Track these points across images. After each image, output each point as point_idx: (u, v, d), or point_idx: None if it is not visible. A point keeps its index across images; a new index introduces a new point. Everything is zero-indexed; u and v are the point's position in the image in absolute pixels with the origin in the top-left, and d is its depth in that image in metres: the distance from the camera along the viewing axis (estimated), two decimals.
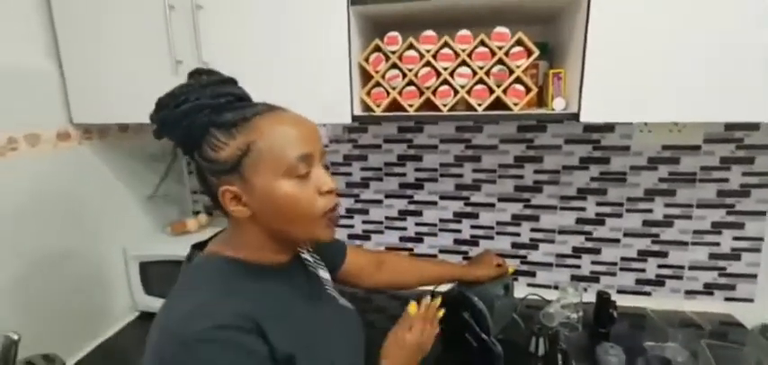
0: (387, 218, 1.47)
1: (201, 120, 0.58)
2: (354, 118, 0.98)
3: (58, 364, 0.87)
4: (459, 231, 1.43)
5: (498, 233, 1.40)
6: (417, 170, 1.40)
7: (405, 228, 1.47)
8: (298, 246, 0.73)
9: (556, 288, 1.32)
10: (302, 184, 0.60)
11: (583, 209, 1.31)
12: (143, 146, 1.33)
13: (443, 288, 1.14)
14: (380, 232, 1.49)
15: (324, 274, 0.82)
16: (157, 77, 1.00)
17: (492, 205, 1.38)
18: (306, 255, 0.79)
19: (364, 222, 1.50)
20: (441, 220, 1.44)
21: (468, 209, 1.40)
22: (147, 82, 1.01)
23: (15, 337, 0.77)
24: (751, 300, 1.25)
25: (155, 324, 0.56)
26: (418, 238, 1.47)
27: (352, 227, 1.51)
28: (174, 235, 1.36)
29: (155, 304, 1.30)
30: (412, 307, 0.82)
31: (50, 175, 1.08)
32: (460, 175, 1.37)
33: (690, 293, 1.29)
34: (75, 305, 1.16)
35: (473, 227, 1.42)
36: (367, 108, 1.02)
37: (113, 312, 1.29)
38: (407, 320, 0.81)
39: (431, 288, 1.14)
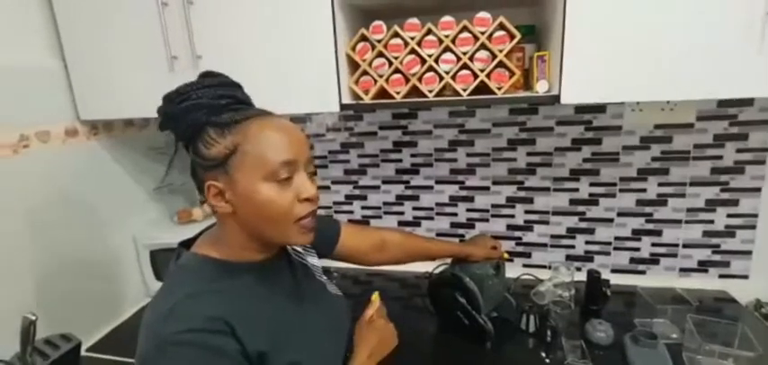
0: (385, 203, 1.51)
1: (200, 117, 0.62)
2: (343, 106, 1.01)
3: (74, 343, 0.94)
4: (455, 214, 1.46)
5: (493, 215, 1.42)
6: (413, 155, 1.43)
7: (402, 213, 1.50)
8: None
9: (550, 268, 1.35)
10: (282, 189, 0.63)
11: (576, 189, 1.32)
12: (148, 139, 1.39)
13: (435, 268, 1.18)
14: (379, 217, 1.53)
15: (312, 261, 0.86)
16: (155, 73, 1.05)
17: (486, 188, 1.40)
18: (293, 246, 0.83)
19: (363, 208, 1.54)
20: (437, 204, 1.47)
21: (464, 193, 1.43)
22: (146, 78, 1.08)
23: (33, 317, 0.84)
24: (745, 277, 1.25)
25: (142, 320, 0.61)
26: (416, 222, 1.50)
27: (351, 212, 1.55)
28: (181, 223, 1.43)
29: None
30: (375, 296, 0.88)
31: (62, 170, 1.15)
32: (455, 160, 1.40)
33: (684, 270, 1.30)
34: (91, 291, 1.24)
35: (469, 210, 1.44)
36: (356, 96, 1.05)
37: (127, 297, 1.37)
38: (373, 305, 0.86)
39: (431, 269, 1.18)
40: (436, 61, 0.97)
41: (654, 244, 1.31)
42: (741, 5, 0.78)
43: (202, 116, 0.62)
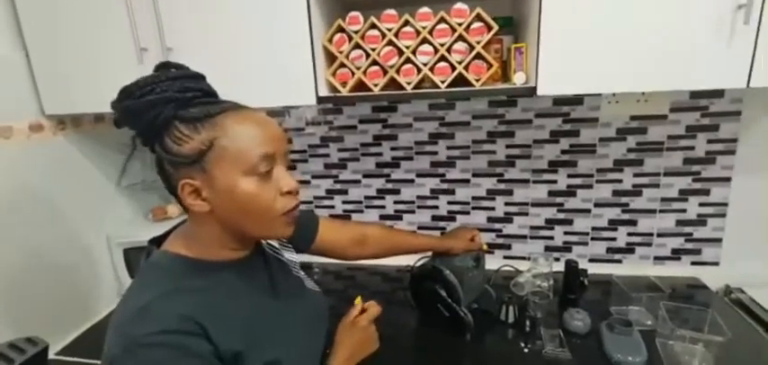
0: (366, 197, 1.50)
1: (166, 112, 0.59)
2: (319, 98, 0.99)
3: (41, 346, 0.91)
4: (436, 207, 1.46)
5: (474, 208, 1.43)
6: (393, 149, 1.42)
7: (383, 207, 1.50)
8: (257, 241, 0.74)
9: (529, 259, 1.36)
10: (263, 183, 0.61)
11: (554, 181, 1.34)
12: (120, 134, 1.33)
13: (416, 262, 1.18)
14: (360, 211, 1.52)
15: (289, 256, 0.84)
16: (123, 66, 1.02)
17: (467, 181, 1.40)
18: (269, 241, 0.81)
19: (344, 202, 1.52)
20: (418, 197, 1.46)
21: (445, 186, 1.43)
22: (114, 70, 1.04)
23: None
24: (716, 263, 1.29)
25: (111, 320, 0.59)
26: (397, 216, 1.50)
27: (332, 207, 1.54)
28: (155, 220, 1.39)
29: None
30: (358, 300, 0.85)
31: (27, 167, 1.10)
32: (435, 153, 1.40)
33: (658, 259, 1.33)
34: (61, 292, 1.19)
35: (450, 202, 1.45)
36: (333, 88, 1.03)
37: (100, 298, 1.33)
38: (357, 308, 0.84)
39: (413, 262, 1.18)
40: (414, 53, 0.96)
41: (629, 234, 1.33)
42: (713, 1, 0.79)
43: (170, 110, 0.59)
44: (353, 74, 1.00)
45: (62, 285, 1.20)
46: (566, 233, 1.38)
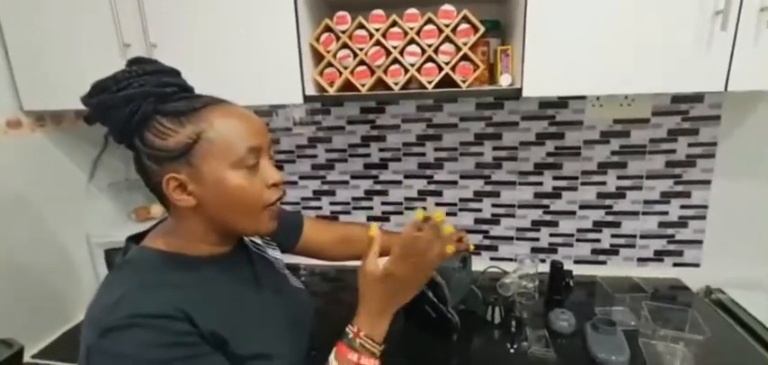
0: (353, 198, 1.49)
1: (146, 107, 0.58)
2: (306, 98, 0.99)
3: (15, 348, 0.88)
4: (424, 209, 1.46)
5: (461, 209, 1.43)
6: (381, 150, 1.42)
7: (371, 208, 1.49)
8: (240, 236, 0.73)
9: (516, 260, 1.37)
10: (250, 175, 0.61)
11: (540, 183, 1.35)
12: (102, 131, 1.32)
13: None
14: (348, 213, 1.51)
15: (273, 254, 0.83)
16: (106, 61, 0.96)
17: (454, 182, 1.41)
18: (253, 238, 0.80)
19: (331, 203, 1.51)
20: (406, 199, 1.46)
21: (432, 187, 1.43)
22: (96, 66, 0.98)
23: None
24: (697, 265, 1.32)
25: (85, 316, 0.57)
26: (385, 217, 1.50)
27: (319, 208, 1.53)
28: (138, 220, 1.37)
29: None
30: (373, 229, 0.69)
31: (3, 164, 1.07)
32: (423, 154, 1.40)
33: (641, 260, 1.36)
34: (38, 294, 1.16)
35: (437, 204, 1.45)
36: (321, 88, 1.03)
37: (79, 299, 1.29)
38: (376, 242, 0.69)
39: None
40: (401, 53, 0.97)
41: (613, 236, 1.35)
42: (692, 7, 0.82)
43: (149, 105, 0.58)
44: (341, 73, 1.00)
45: (40, 287, 1.17)
46: (551, 235, 1.39)
